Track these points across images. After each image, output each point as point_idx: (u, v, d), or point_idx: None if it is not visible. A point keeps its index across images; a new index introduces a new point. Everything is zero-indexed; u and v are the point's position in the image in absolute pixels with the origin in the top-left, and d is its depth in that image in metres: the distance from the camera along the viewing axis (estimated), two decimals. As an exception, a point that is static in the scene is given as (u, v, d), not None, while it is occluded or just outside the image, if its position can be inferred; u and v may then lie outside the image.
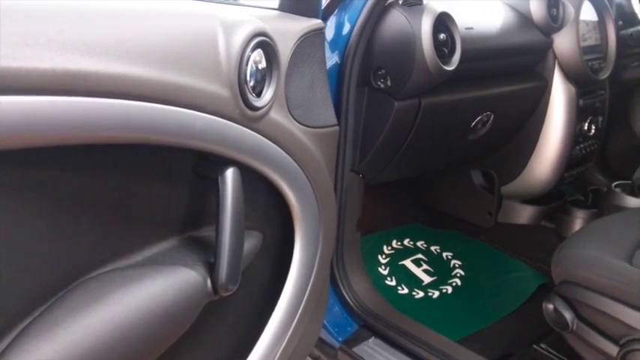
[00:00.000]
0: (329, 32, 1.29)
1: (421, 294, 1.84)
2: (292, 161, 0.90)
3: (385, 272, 1.92)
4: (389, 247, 2.06)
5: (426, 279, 1.92)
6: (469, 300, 1.82)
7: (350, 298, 1.48)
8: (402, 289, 1.85)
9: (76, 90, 0.57)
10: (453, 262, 2.03)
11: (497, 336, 1.63)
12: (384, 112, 1.37)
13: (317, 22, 0.94)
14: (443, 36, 1.31)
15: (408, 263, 1.99)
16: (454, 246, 2.11)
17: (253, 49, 0.77)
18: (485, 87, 1.56)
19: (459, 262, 2.02)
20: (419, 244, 2.11)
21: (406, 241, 2.11)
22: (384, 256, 2.01)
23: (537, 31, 1.64)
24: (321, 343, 1.48)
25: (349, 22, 1.28)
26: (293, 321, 1.02)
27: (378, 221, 2.14)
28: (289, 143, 0.89)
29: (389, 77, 1.32)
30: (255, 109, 0.79)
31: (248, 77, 0.77)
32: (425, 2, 1.33)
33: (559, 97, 1.73)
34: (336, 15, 1.30)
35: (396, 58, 1.31)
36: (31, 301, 0.65)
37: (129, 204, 0.73)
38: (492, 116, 1.62)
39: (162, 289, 0.73)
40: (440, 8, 1.29)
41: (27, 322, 0.64)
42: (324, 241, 1.04)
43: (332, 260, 1.42)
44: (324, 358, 1.48)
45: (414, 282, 1.90)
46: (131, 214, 0.73)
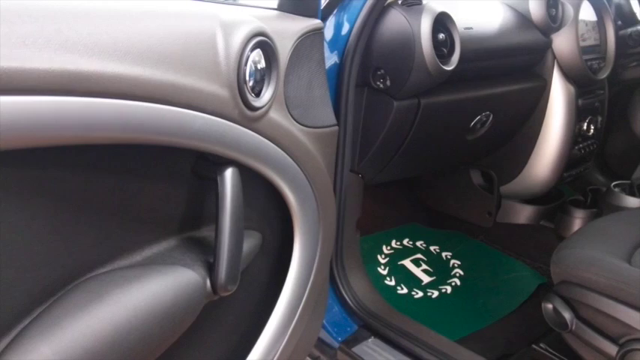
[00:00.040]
0: (328, 32, 1.29)
1: (420, 294, 1.83)
2: (291, 161, 0.90)
3: (384, 272, 1.92)
4: (388, 247, 2.06)
5: (426, 279, 1.92)
6: (468, 300, 1.82)
7: (349, 298, 1.48)
8: (402, 289, 1.85)
9: (74, 90, 0.57)
10: (453, 262, 2.03)
11: (496, 336, 1.63)
12: (384, 112, 1.36)
13: (316, 22, 0.94)
14: (442, 36, 1.31)
15: (407, 263, 1.99)
16: (453, 246, 2.11)
17: (252, 49, 0.77)
18: (484, 87, 1.56)
19: (459, 262, 2.02)
20: (418, 244, 2.11)
21: (405, 241, 2.11)
22: (384, 256, 2.01)
23: (536, 31, 1.64)
24: (321, 343, 1.48)
25: (348, 22, 1.28)
26: (292, 321, 1.02)
27: (378, 221, 2.14)
28: (288, 143, 0.89)
29: (388, 77, 1.32)
30: (254, 109, 0.79)
31: (247, 77, 0.77)
32: (424, 2, 1.33)
33: (558, 97, 1.73)
34: (335, 15, 1.30)
35: (395, 58, 1.31)
36: (31, 301, 0.65)
37: (128, 204, 0.73)
38: (491, 116, 1.62)
39: (162, 289, 0.73)
40: (439, 8, 1.29)
41: (26, 322, 0.64)
42: (323, 241, 1.04)
43: (331, 260, 1.42)
44: (323, 358, 1.48)
45: (413, 282, 1.90)
46: (130, 214, 0.73)
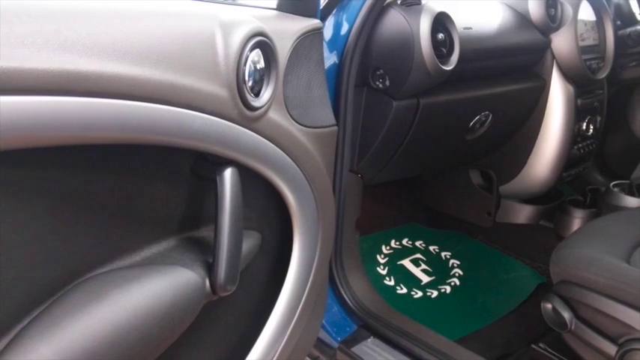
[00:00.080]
0: (327, 32, 1.29)
1: (420, 294, 1.83)
2: (291, 161, 0.90)
3: (384, 272, 1.92)
4: (387, 247, 2.06)
5: (425, 279, 1.92)
6: (468, 300, 1.82)
7: (349, 298, 1.48)
8: (401, 289, 1.85)
9: (73, 90, 0.57)
10: (452, 261, 2.03)
11: (495, 336, 1.63)
12: (383, 112, 1.36)
13: (315, 22, 0.94)
14: (441, 36, 1.31)
15: (406, 263, 1.99)
16: (453, 246, 2.11)
17: (252, 49, 0.77)
18: (483, 87, 1.56)
19: (458, 262, 2.02)
20: (417, 243, 2.11)
21: (405, 241, 2.11)
22: (383, 256, 2.01)
23: (535, 31, 1.64)
24: (320, 343, 1.48)
25: (347, 22, 1.28)
26: (292, 321, 1.02)
27: (377, 221, 2.14)
28: (288, 143, 0.89)
29: (387, 77, 1.32)
30: (253, 109, 0.79)
31: (246, 77, 0.77)
32: (423, 2, 1.33)
33: (557, 96, 1.73)
34: (334, 15, 1.30)
35: (394, 58, 1.31)
36: (30, 301, 0.65)
37: (127, 204, 0.73)
38: (491, 116, 1.62)
39: (161, 289, 0.73)
40: (438, 8, 1.29)
41: (25, 322, 0.64)
42: (322, 241, 1.04)
43: (331, 260, 1.42)
44: (322, 357, 1.48)
45: (412, 282, 1.90)
46: (130, 215, 0.73)
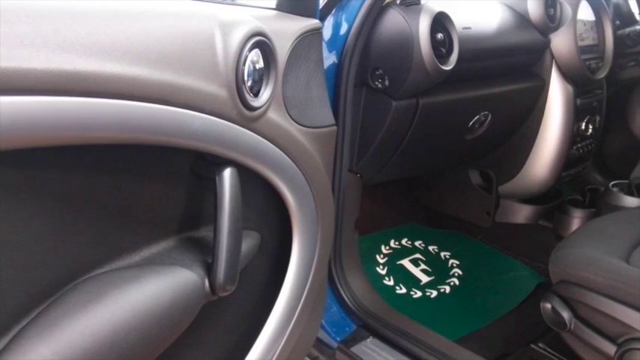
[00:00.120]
0: (326, 32, 1.29)
1: (419, 294, 1.84)
2: (290, 161, 0.90)
3: (383, 272, 1.92)
4: (387, 247, 2.06)
5: (424, 279, 1.92)
6: (467, 299, 1.82)
7: (348, 298, 1.48)
8: (400, 289, 1.85)
9: (72, 90, 0.57)
10: (451, 261, 2.03)
11: (495, 335, 1.63)
12: (382, 112, 1.36)
13: (314, 22, 0.94)
14: (440, 36, 1.31)
15: (406, 263, 1.99)
16: (452, 246, 2.11)
17: (251, 49, 0.77)
18: (482, 87, 1.56)
19: (457, 262, 2.02)
20: (417, 243, 2.11)
21: (404, 241, 2.11)
22: (382, 256, 2.01)
23: (535, 31, 1.64)
24: (319, 343, 1.48)
25: (347, 22, 1.28)
26: (291, 321, 1.02)
27: (376, 221, 2.14)
28: (287, 143, 0.88)
29: (386, 77, 1.32)
30: (252, 109, 0.79)
31: (245, 77, 0.77)
32: (422, 2, 1.33)
33: (556, 96, 1.73)
34: (333, 15, 1.30)
35: (393, 58, 1.31)
36: (29, 302, 0.64)
37: (126, 204, 0.73)
38: (490, 116, 1.62)
39: (160, 289, 0.73)
40: (437, 8, 1.29)
41: (24, 322, 0.64)
42: (322, 241, 1.03)
43: (330, 260, 1.42)
44: (322, 357, 1.48)
45: (412, 282, 1.90)
46: (129, 215, 0.73)
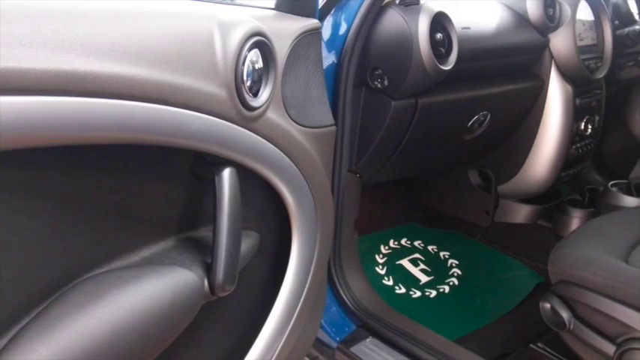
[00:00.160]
0: (326, 32, 1.29)
1: (418, 293, 1.84)
2: (289, 161, 0.90)
3: (382, 272, 1.92)
4: (386, 247, 2.06)
5: (424, 278, 1.92)
6: (466, 299, 1.82)
7: (347, 298, 1.48)
8: (400, 289, 1.85)
9: (71, 90, 0.57)
10: (450, 261, 2.03)
11: (494, 335, 1.63)
12: (381, 111, 1.36)
13: (314, 22, 0.94)
14: (440, 36, 1.31)
15: (405, 263, 1.99)
16: (451, 245, 2.11)
17: (250, 49, 0.77)
18: (481, 87, 1.57)
19: (456, 262, 2.02)
20: (416, 243, 2.11)
21: (403, 241, 2.11)
22: (382, 256, 2.01)
23: (534, 31, 1.65)
24: (319, 343, 1.48)
25: (346, 21, 1.28)
26: (290, 321, 1.02)
27: (376, 221, 2.14)
28: (286, 143, 0.88)
29: (386, 77, 1.32)
30: (252, 109, 0.79)
31: (245, 77, 0.77)
32: (422, 2, 1.33)
33: (556, 96, 1.73)
34: (332, 15, 1.30)
35: (392, 58, 1.31)
36: (28, 302, 0.64)
37: (126, 204, 0.72)
38: (489, 116, 1.63)
39: (160, 289, 0.73)
40: (437, 8, 1.29)
41: (23, 322, 0.64)
42: (321, 241, 1.03)
43: (329, 260, 1.42)
44: (321, 358, 1.48)
45: (411, 281, 1.90)
46: (128, 215, 0.73)
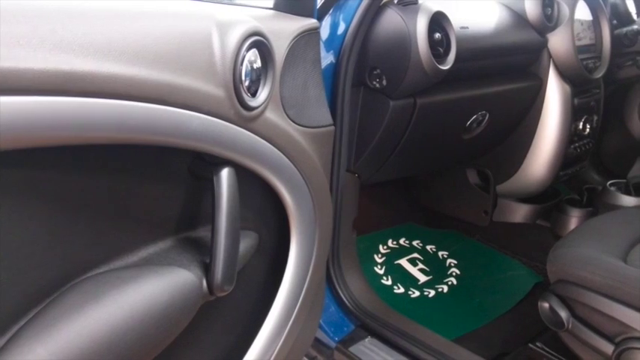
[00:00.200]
0: (324, 32, 1.29)
1: (417, 293, 1.84)
2: (288, 161, 0.90)
3: (381, 272, 1.92)
4: (385, 247, 2.06)
5: (422, 278, 1.92)
6: (465, 299, 1.82)
7: (346, 298, 1.48)
8: (398, 289, 1.85)
9: (69, 90, 0.57)
10: (449, 261, 2.03)
11: (492, 335, 1.63)
12: (380, 111, 1.36)
13: (312, 22, 0.94)
14: (438, 35, 1.31)
15: (403, 262, 1.99)
16: (450, 245, 2.11)
17: (248, 49, 0.77)
18: (480, 86, 1.57)
19: (455, 261, 2.02)
20: (415, 243, 2.11)
21: (402, 241, 2.11)
22: (380, 256, 2.01)
23: (532, 31, 1.65)
24: (318, 343, 1.48)
25: (344, 21, 1.28)
26: (289, 321, 1.02)
27: (374, 221, 2.14)
28: (285, 143, 0.88)
29: (384, 77, 1.32)
30: (250, 108, 0.79)
31: (243, 77, 0.77)
32: (420, 1, 1.33)
33: (554, 96, 1.73)
34: (331, 14, 1.30)
35: (391, 58, 1.31)
36: (27, 302, 0.64)
37: (124, 204, 0.72)
38: (487, 115, 1.63)
39: (158, 289, 0.73)
40: (435, 7, 1.29)
41: (22, 323, 0.64)
42: (319, 241, 1.03)
43: (328, 260, 1.42)
44: (320, 357, 1.48)
45: (409, 281, 1.90)
46: (126, 215, 0.73)
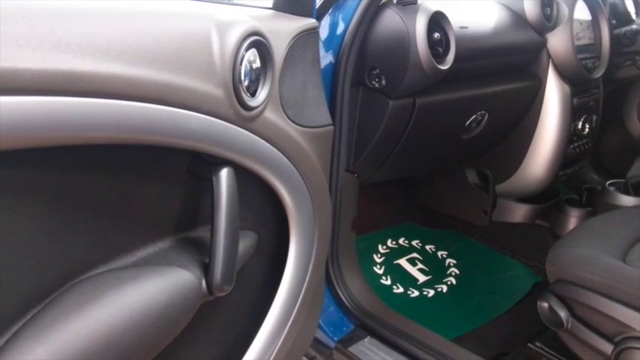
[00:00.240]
0: (323, 32, 1.29)
1: (416, 293, 1.84)
2: (287, 161, 0.90)
3: (380, 271, 1.92)
4: (384, 247, 2.06)
5: (421, 278, 1.92)
6: (464, 299, 1.82)
7: (345, 298, 1.48)
8: (398, 289, 1.85)
9: (68, 90, 0.57)
10: (448, 260, 2.03)
11: (492, 335, 1.63)
12: (379, 111, 1.36)
13: (311, 22, 0.94)
14: (437, 35, 1.31)
15: (403, 262, 1.99)
16: (449, 245, 2.11)
17: (247, 49, 0.77)
18: (479, 86, 1.57)
19: (454, 261, 2.02)
20: (414, 243, 2.11)
21: (401, 241, 2.11)
22: (379, 256, 2.01)
23: (531, 31, 1.65)
24: (317, 343, 1.48)
25: (343, 21, 1.28)
26: (288, 321, 1.02)
27: (374, 221, 2.14)
28: (284, 143, 0.88)
29: (383, 77, 1.32)
30: (249, 108, 0.79)
31: (242, 77, 0.77)
32: (419, 1, 1.33)
33: (553, 96, 1.73)
34: (330, 14, 1.30)
35: (390, 58, 1.31)
36: (26, 303, 0.64)
37: (123, 204, 0.72)
38: (487, 115, 1.63)
39: (157, 289, 0.73)
40: (434, 7, 1.29)
41: (20, 323, 0.63)
42: (319, 240, 1.03)
43: (327, 260, 1.42)
44: (319, 357, 1.48)
45: (409, 281, 1.90)
46: (125, 215, 0.73)
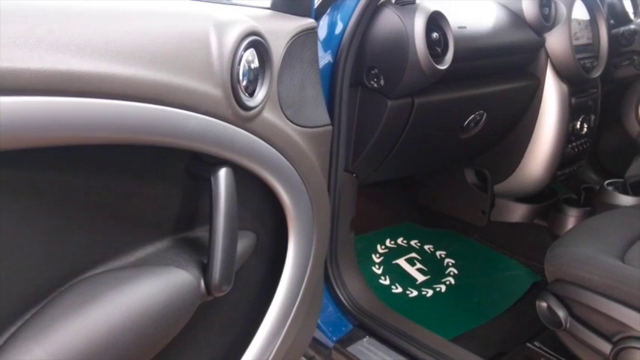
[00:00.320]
0: (321, 32, 1.29)
1: (415, 293, 1.84)
2: (285, 161, 0.90)
3: (379, 271, 1.92)
4: (383, 247, 2.06)
5: (420, 278, 1.92)
6: (463, 298, 1.82)
7: (344, 298, 1.48)
8: (396, 288, 1.85)
9: (66, 90, 0.56)
10: (447, 260, 2.03)
11: (490, 334, 1.63)
12: (377, 111, 1.36)
13: (309, 22, 0.94)
14: (436, 35, 1.31)
15: (401, 262, 1.99)
16: (448, 245, 2.11)
17: (246, 49, 0.77)
18: (478, 86, 1.57)
19: (453, 261, 2.02)
20: (413, 243, 2.12)
21: (400, 240, 2.11)
22: (378, 256, 2.01)
23: (529, 30, 1.65)
24: (316, 343, 1.48)
25: (342, 21, 1.28)
26: (287, 321, 1.02)
27: (372, 220, 2.14)
28: (282, 143, 0.88)
29: (382, 76, 1.32)
30: (248, 108, 0.79)
31: (241, 77, 0.77)
32: (418, 1, 1.33)
33: (551, 95, 1.73)
34: (328, 14, 1.30)
35: (388, 58, 1.31)
36: (24, 303, 0.64)
37: (122, 205, 0.72)
38: (485, 115, 1.63)
39: (156, 290, 0.73)
40: (433, 7, 1.29)
41: (19, 324, 0.63)
42: (317, 240, 1.03)
43: (326, 260, 1.42)
44: (318, 357, 1.48)
45: (407, 281, 1.90)
46: (124, 215, 0.73)
